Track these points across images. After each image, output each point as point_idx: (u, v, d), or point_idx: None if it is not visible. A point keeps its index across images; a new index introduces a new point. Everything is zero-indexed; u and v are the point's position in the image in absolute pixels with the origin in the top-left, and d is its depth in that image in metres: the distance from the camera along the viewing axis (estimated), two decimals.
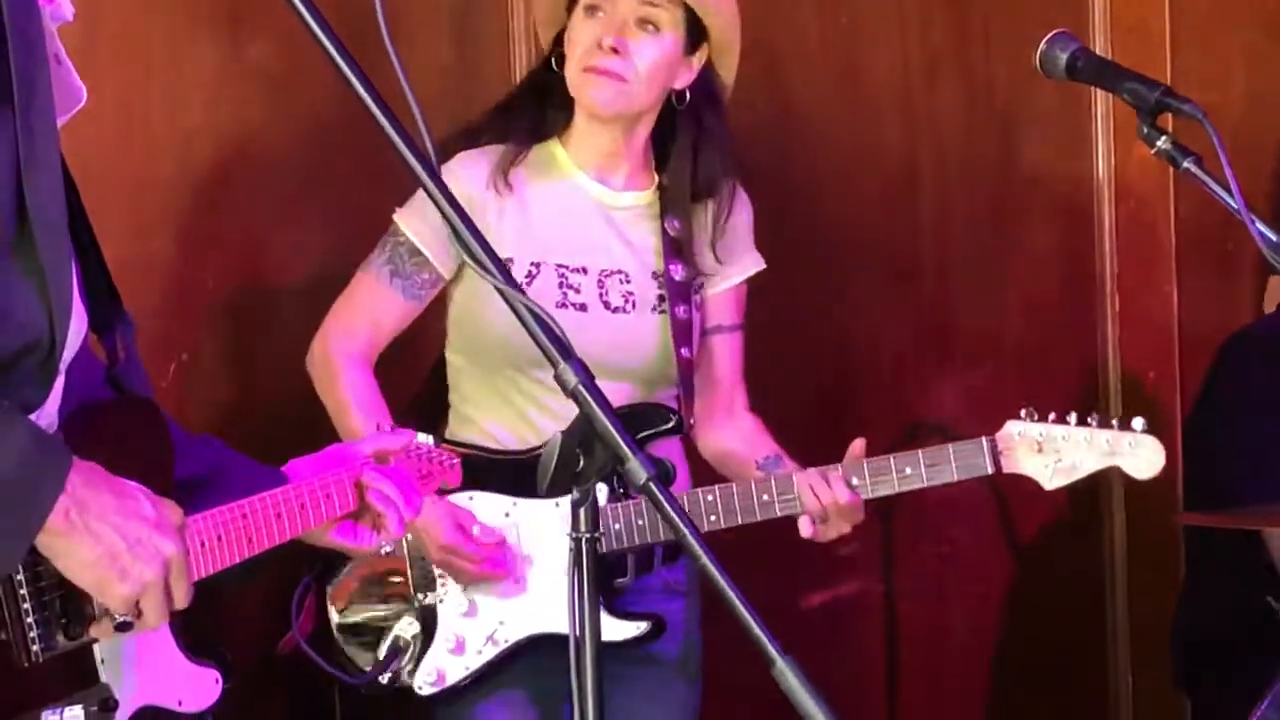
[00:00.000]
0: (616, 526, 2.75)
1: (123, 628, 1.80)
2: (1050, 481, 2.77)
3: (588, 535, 1.77)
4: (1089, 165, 3.90)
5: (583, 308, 2.81)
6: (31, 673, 1.74)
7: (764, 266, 2.96)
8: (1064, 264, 3.97)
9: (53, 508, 1.68)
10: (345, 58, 1.71)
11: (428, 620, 2.74)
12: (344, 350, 2.78)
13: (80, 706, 1.77)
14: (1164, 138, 2.34)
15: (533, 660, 2.76)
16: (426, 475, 2.34)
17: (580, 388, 1.66)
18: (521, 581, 2.76)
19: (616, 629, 2.75)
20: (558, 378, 1.66)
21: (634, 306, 2.83)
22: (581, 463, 1.72)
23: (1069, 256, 3.98)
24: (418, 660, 2.74)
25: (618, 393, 2.76)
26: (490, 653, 2.74)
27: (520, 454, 2.78)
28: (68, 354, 1.85)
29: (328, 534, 2.15)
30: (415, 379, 3.20)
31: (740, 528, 2.85)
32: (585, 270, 2.82)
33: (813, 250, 3.52)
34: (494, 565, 2.73)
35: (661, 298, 2.86)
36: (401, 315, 2.82)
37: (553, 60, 2.83)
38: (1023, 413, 2.75)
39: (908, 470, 2.78)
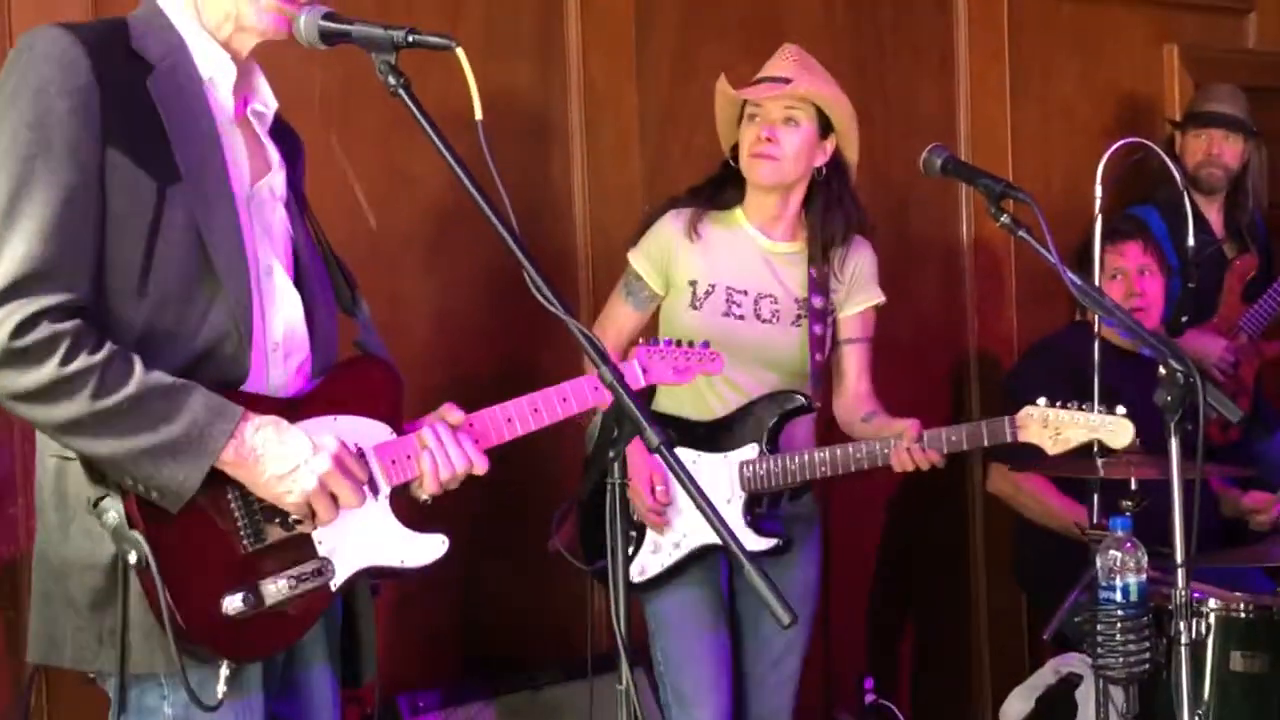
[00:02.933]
0: (762, 472, 3.03)
1: (302, 524, 2.00)
2: (1052, 448, 2.93)
3: (622, 481, 1.99)
4: (958, 231, 4.44)
5: (740, 317, 3.08)
6: (254, 557, 1.96)
7: (884, 299, 3.22)
8: (942, 296, 4.39)
9: (222, 450, 1.87)
10: (462, 168, 1.94)
11: (639, 532, 3.03)
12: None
13: (286, 577, 1.96)
14: (1005, 215, 2.65)
15: (702, 561, 3.07)
16: (683, 369, 2.59)
17: (614, 383, 1.89)
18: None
19: (758, 542, 3.03)
20: (600, 375, 1.91)
21: (777, 320, 3.09)
22: (617, 431, 1.94)
23: (945, 291, 4.41)
24: (632, 558, 3.01)
25: (766, 381, 3.10)
26: (677, 555, 3.04)
27: (705, 423, 3.10)
28: (271, 339, 2.03)
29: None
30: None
31: None
32: (746, 292, 3.09)
33: None
34: (659, 518, 3.01)
35: (799, 316, 3.08)
36: (635, 321, 3.18)
37: (730, 159, 3.16)
38: (1040, 400, 2.92)
39: (954, 438, 2.99)
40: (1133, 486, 3.24)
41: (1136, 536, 2.99)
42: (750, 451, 3.03)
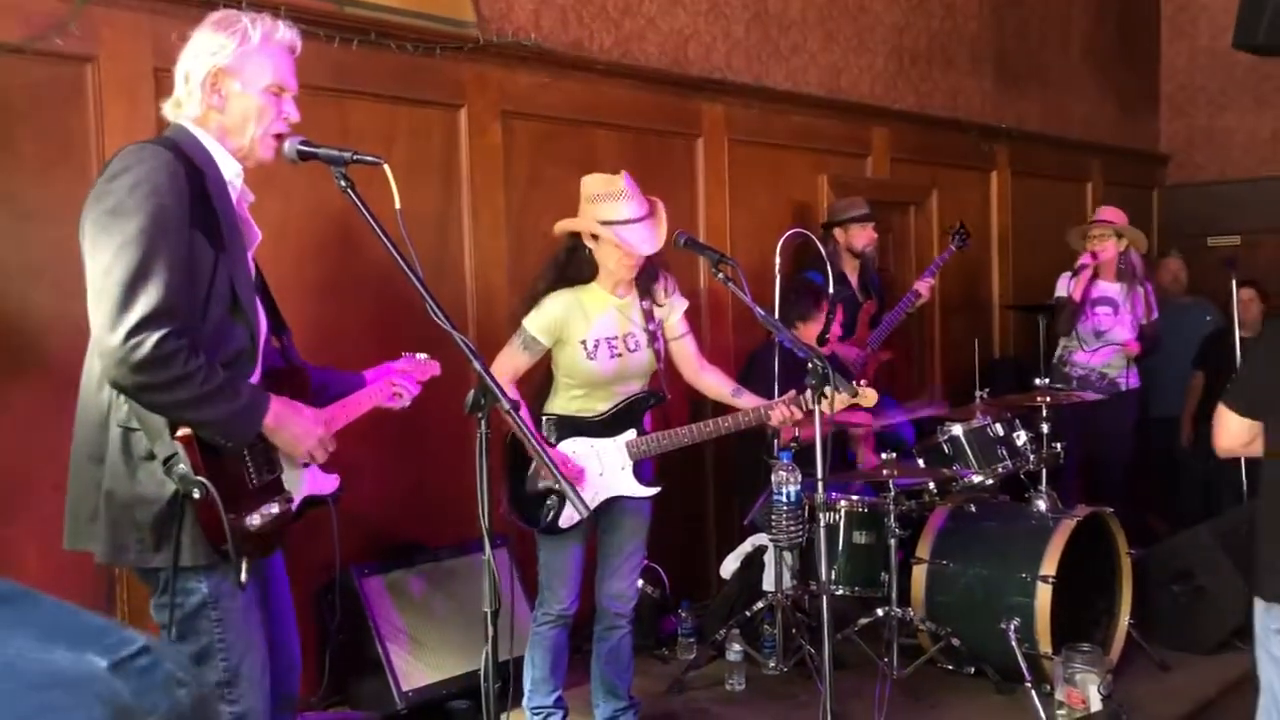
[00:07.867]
0: (642, 447, 2.81)
1: (306, 465, 2.04)
2: (831, 409, 2.58)
3: (488, 433, 1.85)
4: (697, 283, 4.19)
5: (619, 355, 2.78)
6: (256, 491, 1.92)
7: (688, 304, 2.91)
8: (689, 322, 3.71)
9: (264, 418, 1.89)
10: (389, 239, 1.87)
11: (560, 497, 2.74)
12: (507, 379, 2.76)
13: (276, 503, 1.94)
14: (721, 274, 2.64)
15: (597, 512, 2.81)
16: (422, 376, 2.33)
17: (483, 373, 1.84)
18: (602, 475, 2.80)
19: (647, 490, 2.86)
20: (475, 368, 1.82)
21: (640, 347, 2.81)
22: (484, 400, 1.84)
23: (692, 320, 3.43)
24: (558, 515, 2.77)
25: (634, 386, 2.82)
26: (593, 505, 2.76)
27: (593, 418, 2.81)
28: (261, 349, 1.97)
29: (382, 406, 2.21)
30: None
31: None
32: (617, 337, 2.79)
33: None
34: (577, 480, 2.73)
35: (651, 338, 2.81)
36: (529, 363, 2.83)
37: (586, 248, 2.76)
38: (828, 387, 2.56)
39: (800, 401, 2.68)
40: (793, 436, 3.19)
41: (795, 463, 3.05)
42: (631, 434, 2.81)
